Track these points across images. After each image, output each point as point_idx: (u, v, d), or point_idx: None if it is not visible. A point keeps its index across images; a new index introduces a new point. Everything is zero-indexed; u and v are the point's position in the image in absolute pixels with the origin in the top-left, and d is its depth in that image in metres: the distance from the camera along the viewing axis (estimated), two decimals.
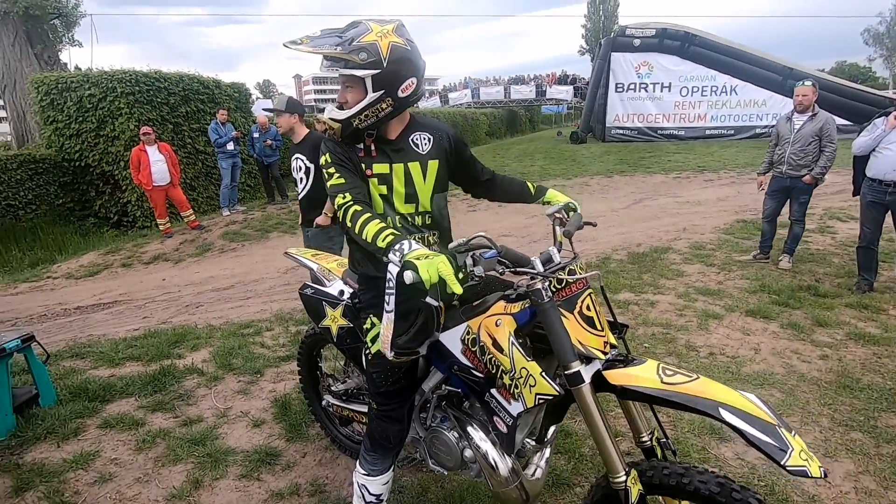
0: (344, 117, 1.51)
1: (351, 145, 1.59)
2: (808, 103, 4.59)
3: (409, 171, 1.62)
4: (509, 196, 1.95)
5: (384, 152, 1.60)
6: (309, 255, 2.41)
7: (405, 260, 1.27)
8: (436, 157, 1.68)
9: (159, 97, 9.79)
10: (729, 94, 18.35)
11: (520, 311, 1.48)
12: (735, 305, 4.14)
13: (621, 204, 8.83)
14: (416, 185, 1.64)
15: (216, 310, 5.05)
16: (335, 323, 2.02)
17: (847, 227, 6.50)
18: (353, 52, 1.45)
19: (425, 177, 1.65)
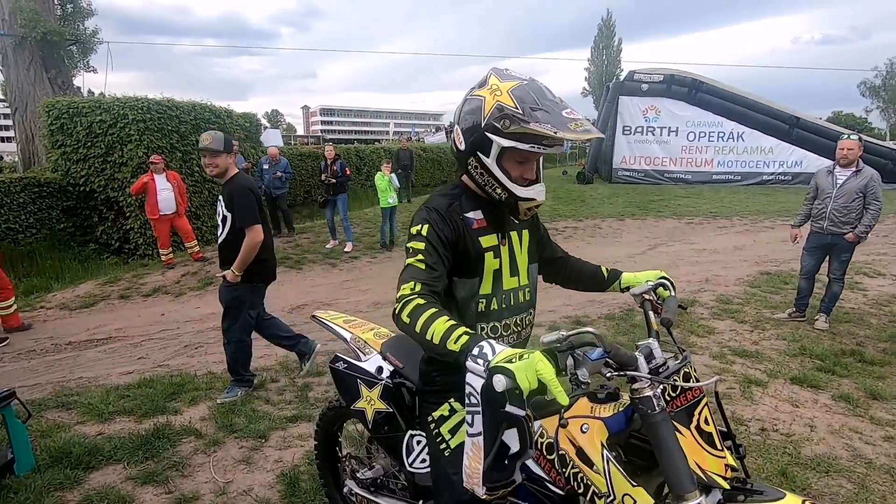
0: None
1: (459, 215, 1.41)
2: (852, 157, 4.41)
3: (511, 241, 1.50)
4: (582, 281, 1.77)
5: (491, 221, 1.46)
6: (341, 321, 2.14)
7: (493, 366, 1.01)
8: (526, 226, 1.57)
9: (170, 125, 9.72)
10: (736, 141, 18.46)
11: (612, 416, 1.22)
12: (777, 371, 3.85)
13: (637, 249, 8.62)
14: (517, 257, 1.51)
15: (217, 352, 4.72)
16: (371, 406, 1.74)
17: (876, 283, 6.26)
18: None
19: (521, 246, 1.53)
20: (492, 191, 1.38)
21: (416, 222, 1.39)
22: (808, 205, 4.74)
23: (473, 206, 1.45)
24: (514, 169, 1.35)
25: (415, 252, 1.32)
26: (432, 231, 1.34)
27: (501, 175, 1.34)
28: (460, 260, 1.39)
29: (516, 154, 1.32)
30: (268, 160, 8.95)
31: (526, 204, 1.37)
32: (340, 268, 7.72)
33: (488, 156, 1.32)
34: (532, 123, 1.21)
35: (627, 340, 4.45)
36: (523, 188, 1.36)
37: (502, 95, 1.28)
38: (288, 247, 8.64)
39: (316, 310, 5.98)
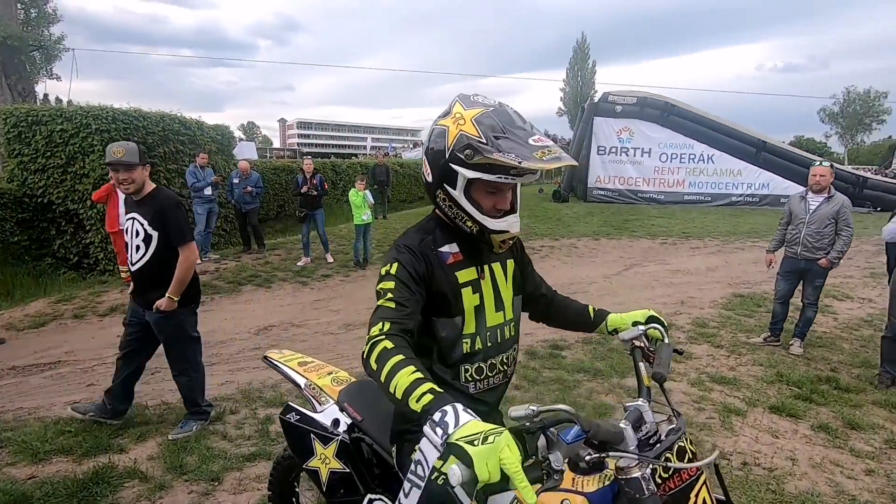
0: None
1: (433, 250, 1.33)
2: (825, 184, 4.46)
3: (494, 273, 1.41)
4: (567, 321, 1.66)
5: (471, 254, 1.38)
6: (295, 363, 1.94)
7: (452, 442, 0.85)
8: (510, 256, 1.48)
9: (136, 136, 9.36)
10: (706, 163, 18.94)
11: (597, 492, 1.06)
12: (756, 399, 3.79)
13: (612, 269, 8.61)
14: (500, 291, 1.42)
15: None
16: (326, 465, 1.55)
17: (845, 306, 6.36)
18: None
19: (506, 277, 1.45)
20: (462, 224, 1.29)
21: (385, 261, 1.28)
22: (782, 230, 4.77)
23: (448, 238, 1.35)
24: (485, 200, 1.26)
25: (384, 292, 1.21)
26: (401, 268, 1.25)
27: (471, 207, 1.26)
28: (438, 298, 1.29)
29: (485, 184, 1.24)
30: (238, 174, 8.67)
31: (499, 237, 1.28)
32: (312, 286, 7.46)
33: (455, 188, 1.25)
34: (495, 153, 1.14)
35: (605, 366, 4.35)
36: (495, 220, 1.27)
37: (465, 124, 1.20)
38: (258, 264, 8.34)
39: (284, 331, 5.74)
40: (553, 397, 3.84)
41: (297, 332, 5.70)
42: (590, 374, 4.21)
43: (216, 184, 8.33)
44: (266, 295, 7.09)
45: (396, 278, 1.23)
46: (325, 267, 8.35)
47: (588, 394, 3.87)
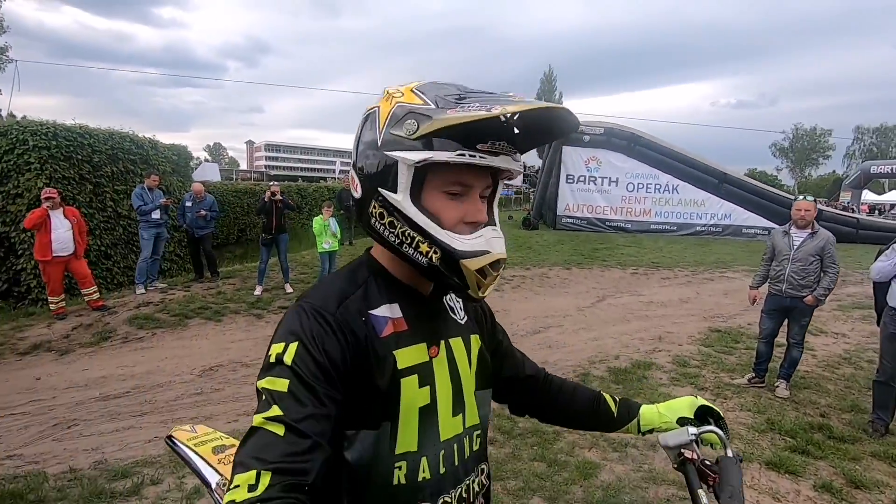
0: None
1: (360, 315, 0.84)
2: (809, 219, 4.29)
3: (454, 354, 0.94)
4: (572, 414, 1.15)
5: (416, 322, 0.90)
6: (208, 449, 1.46)
7: None
8: (476, 330, 1.02)
9: (80, 154, 8.70)
10: (671, 193, 19.30)
11: None
12: (750, 452, 3.47)
13: (585, 301, 8.36)
14: (461, 377, 0.94)
15: (94, 433, 3.82)
16: None
17: (821, 342, 6.23)
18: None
19: (470, 360, 0.97)
20: (412, 252, 0.82)
21: (277, 337, 0.80)
22: (766, 265, 4.57)
23: (386, 294, 0.89)
24: (446, 209, 0.82)
25: (268, 401, 0.73)
26: (304, 354, 0.76)
27: (423, 218, 0.80)
28: (360, 397, 0.80)
29: (444, 178, 0.81)
30: (191, 197, 8.07)
31: (475, 263, 0.80)
32: (267, 319, 6.88)
33: (396, 190, 0.81)
34: (450, 112, 0.75)
35: None
36: (465, 237, 0.82)
37: (404, 96, 0.83)
38: (209, 294, 7.69)
39: (231, 372, 5.14)
40: (531, 453, 3.43)
41: (246, 373, 5.12)
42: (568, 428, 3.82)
43: (165, 207, 7.70)
44: (215, 329, 6.46)
45: (293, 373, 0.74)
46: (283, 297, 7.77)
47: (570, 448, 3.48)
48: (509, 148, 0.81)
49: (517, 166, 0.84)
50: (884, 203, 37.51)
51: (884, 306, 3.76)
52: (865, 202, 34.68)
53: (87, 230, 6.98)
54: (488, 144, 0.78)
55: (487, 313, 1.10)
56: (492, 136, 0.78)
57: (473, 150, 0.77)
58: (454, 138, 0.76)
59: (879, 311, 3.88)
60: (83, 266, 6.69)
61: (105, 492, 2.84)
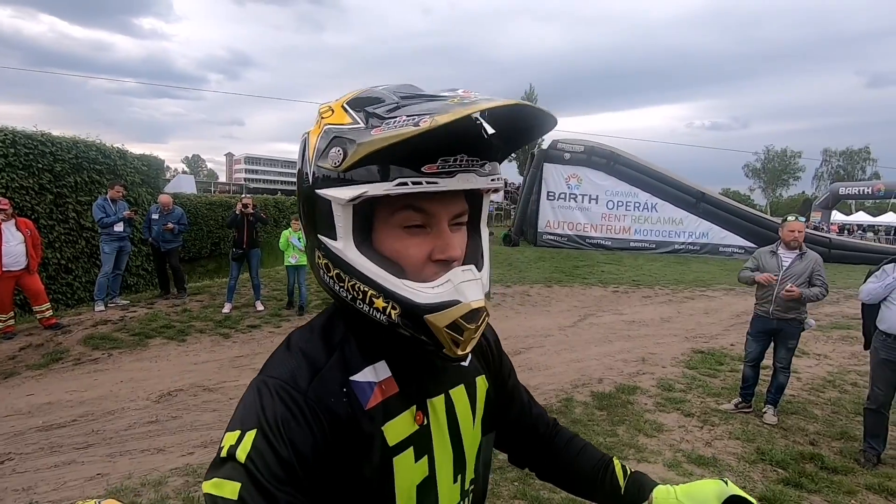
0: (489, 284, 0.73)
1: (338, 386, 0.67)
2: (801, 240, 4.18)
3: (454, 409, 0.77)
4: (575, 478, 0.94)
5: (410, 378, 0.73)
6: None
7: None
8: (482, 370, 0.85)
9: (41, 162, 8.28)
10: (650, 211, 19.47)
11: None
12: (741, 486, 3.27)
13: (566, 320, 8.19)
14: (462, 435, 0.77)
15: (29, 469, 3.44)
16: None
17: (804, 363, 6.15)
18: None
19: (474, 412, 0.80)
20: (368, 309, 0.65)
21: (232, 422, 0.63)
22: (750, 270, 4.38)
23: (368, 351, 0.71)
24: (406, 247, 0.65)
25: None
26: (262, 449, 0.59)
27: (372, 267, 0.63)
28: (339, 490, 0.64)
29: (397, 210, 0.64)
30: (158, 209, 7.70)
31: (443, 319, 0.62)
32: (235, 339, 6.52)
33: (335, 237, 0.65)
34: (375, 130, 0.59)
35: None
36: (428, 286, 0.64)
37: (333, 114, 0.66)
38: (173, 311, 7.28)
39: (192, 397, 4.78)
40: (511, 489, 3.18)
41: (207, 398, 4.78)
42: None
43: (129, 219, 7.32)
44: (178, 350, 6.08)
45: (246, 474, 0.58)
46: (253, 316, 7.41)
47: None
48: (471, 161, 0.62)
49: (484, 182, 0.64)
50: (852, 223, 38.68)
51: (871, 330, 3.65)
52: (835, 222, 35.68)
53: (41, 243, 6.56)
54: (438, 164, 0.59)
55: (493, 344, 0.92)
56: (442, 151, 0.59)
57: (418, 175, 0.59)
58: (391, 163, 0.59)
59: (867, 335, 3.77)
60: (36, 282, 6.25)
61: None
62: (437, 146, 0.58)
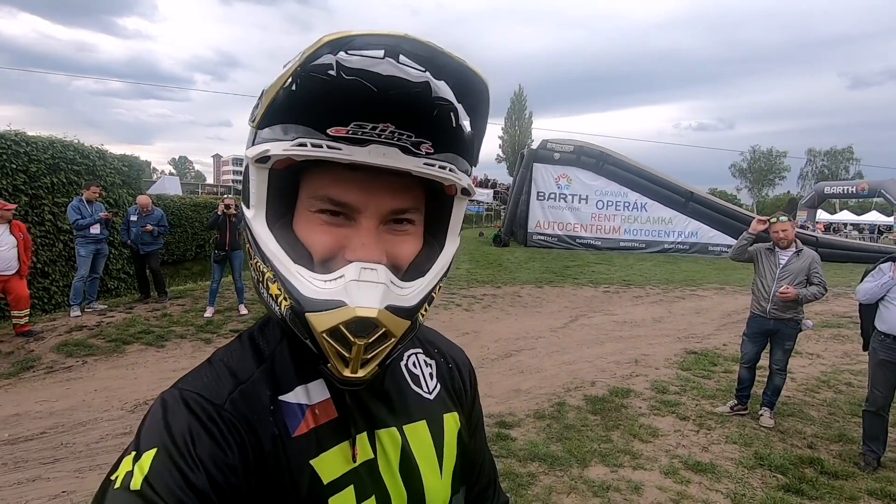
0: (424, 294, 0.55)
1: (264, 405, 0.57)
2: (790, 238, 4.10)
3: (409, 448, 0.63)
4: None
5: (352, 404, 0.60)
6: None
7: None
8: (452, 406, 0.72)
9: (15, 163, 7.99)
10: (640, 211, 19.48)
11: None
12: (741, 494, 3.17)
13: (558, 321, 8.07)
14: (424, 482, 0.63)
15: None
16: None
17: (797, 363, 6.07)
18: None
19: (441, 458, 0.66)
20: (266, 295, 0.55)
21: (128, 448, 0.52)
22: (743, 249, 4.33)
23: (303, 368, 0.60)
24: (315, 234, 0.54)
25: None
26: (162, 471, 0.48)
27: (273, 246, 0.53)
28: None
29: (314, 190, 0.54)
30: (136, 210, 7.45)
31: (323, 321, 0.50)
32: (216, 344, 6.29)
33: (249, 205, 0.56)
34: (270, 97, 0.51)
35: (563, 451, 3.61)
36: (321, 277, 0.52)
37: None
38: (153, 316, 7.04)
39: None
40: None
41: None
42: (546, 464, 3.45)
43: (106, 220, 7.07)
44: (157, 356, 5.85)
45: (143, 497, 0.47)
46: (236, 320, 7.19)
47: (546, 494, 3.10)
48: (399, 134, 0.50)
49: (413, 164, 0.51)
50: (837, 222, 39.17)
51: (870, 330, 3.56)
52: (820, 221, 36.11)
53: (31, 247, 6.34)
54: (349, 127, 0.49)
55: (469, 379, 0.77)
56: (356, 114, 0.48)
57: (320, 137, 0.49)
58: (296, 120, 0.50)
59: (865, 336, 3.68)
60: (23, 287, 6.03)
61: None
62: (347, 106, 0.48)
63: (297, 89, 0.49)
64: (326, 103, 0.48)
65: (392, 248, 0.55)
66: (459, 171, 0.55)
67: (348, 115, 0.48)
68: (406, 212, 0.56)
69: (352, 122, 0.48)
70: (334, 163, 0.50)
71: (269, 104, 0.51)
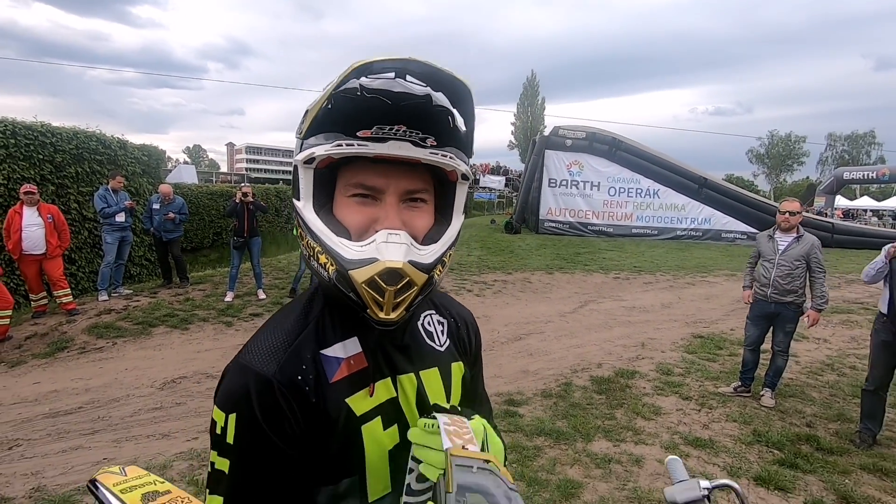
0: (439, 254, 0.72)
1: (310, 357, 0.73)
2: (795, 222, 4.19)
3: (424, 388, 0.81)
4: None
5: (381, 358, 0.78)
6: (136, 497, 1.23)
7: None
8: (458, 357, 0.90)
9: (42, 153, 8.30)
10: (652, 197, 19.39)
11: None
12: (737, 467, 3.33)
13: (567, 306, 8.22)
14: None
15: (37, 455, 3.51)
16: None
17: (803, 347, 6.18)
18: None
19: (450, 392, 0.85)
20: (317, 266, 0.71)
21: (218, 398, 0.71)
22: (751, 267, 4.48)
23: (341, 327, 0.77)
24: (351, 214, 0.71)
25: (216, 482, 0.68)
26: (242, 432, 0.67)
27: (319, 225, 0.70)
28: (315, 457, 0.71)
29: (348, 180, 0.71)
30: (158, 199, 7.72)
31: (362, 274, 0.66)
32: (237, 327, 6.57)
33: (299, 198, 0.73)
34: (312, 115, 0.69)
35: (569, 427, 3.80)
36: (357, 244, 0.69)
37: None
38: (176, 301, 7.34)
39: (196, 384, 4.84)
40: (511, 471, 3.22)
41: (211, 385, 4.83)
42: (551, 438, 3.64)
43: (130, 209, 7.35)
44: (181, 338, 6.14)
45: (237, 451, 0.67)
46: (255, 304, 7.46)
47: (551, 466, 3.29)
48: (410, 132, 0.66)
49: (422, 153, 0.68)
50: (856, 208, 38.45)
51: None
52: (839, 207, 35.48)
53: (67, 229, 6.68)
54: (373, 129, 0.66)
55: (474, 337, 0.96)
56: (376, 119, 0.65)
57: (351, 139, 0.66)
58: (333, 129, 0.67)
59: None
60: (57, 267, 6.51)
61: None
62: (373, 113, 0.65)
63: (332, 107, 0.66)
64: (354, 115, 0.65)
65: (410, 220, 0.71)
66: (458, 160, 0.72)
67: (371, 121, 0.65)
68: (419, 192, 0.72)
69: (374, 125, 0.65)
70: (362, 157, 0.68)
71: (312, 120, 0.68)
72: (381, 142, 0.66)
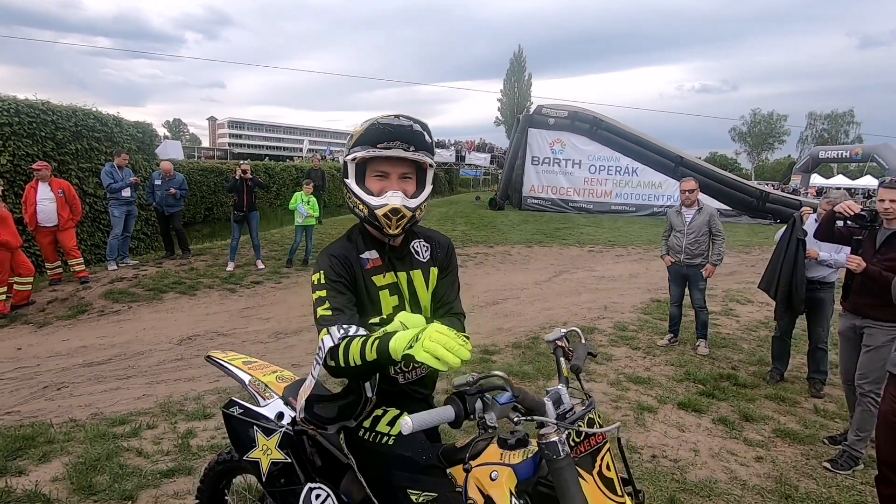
0: (418, 203, 1.42)
1: (355, 256, 1.45)
2: (693, 198, 5.08)
3: (412, 280, 1.51)
4: None
5: (389, 261, 1.49)
6: (239, 363, 1.93)
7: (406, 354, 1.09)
8: (434, 264, 1.58)
9: (44, 131, 8.65)
10: (631, 175, 20.14)
11: (521, 463, 1.20)
12: (666, 396, 4.10)
13: (542, 276, 8.97)
14: (419, 295, 1.52)
15: (83, 393, 4.14)
16: (267, 456, 1.58)
17: (746, 309, 7.00)
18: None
19: (428, 284, 1.55)
20: (357, 210, 1.42)
21: (315, 270, 1.41)
22: (666, 238, 5.34)
23: (368, 245, 1.48)
24: (373, 184, 1.40)
25: (320, 301, 1.35)
26: (329, 275, 1.38)
27: (359, 190, 1.40)
28: (360, 299, 1.42)
29: (372, 168, 1.40)
30: (160, 175, 8.21)
31: (381, 210, 1.36)
32: (240, 293, 7.20)
33: (348, 177, 1.42)
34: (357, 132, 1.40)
35: (533, 370, 4.54)
36: (378, 198, 1.38)
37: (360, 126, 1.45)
38: (181, 270, 7.92)
39: (209, 341, 5.50)
40: None
41: (223, 341, 5.49)
42: (518, 377, 4.38)
43: (135, 185, 7.83)
44: (190, 303, 6.75)
45: (326, 286, 1.36)
46: (255, 273, 8.07)
47: None
48: (402, 145, 1.36)
49: (410, 155, 1.37)
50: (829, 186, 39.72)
51: None
52: (814, 185, 36.70)
53: (78, 203, 7.16)
54: (384, 144, 1.35)
55: (446, 250, 1.61)
56: (385, 138, 1.35)
57: (374, 148, 1.36)
58: (365, 144, 1.37)
59: None
60: (70, 237, 7.02)
61: (108, 434, 3.21)
62: (383, 136, 1.35)
63: (365, 133, 1.37)
64: (376, 136, 1.36)
65: (403, 187, 1.41)
66: (428, 157, 1.42)
67: (384, 139, 1.35)
68: (408, 174, 1.43)
69: (385, 141, 1.35)
70: (379, 157, 1.37)
71: (355, 140, 1.38)
72: (388, 149, 1.36)
